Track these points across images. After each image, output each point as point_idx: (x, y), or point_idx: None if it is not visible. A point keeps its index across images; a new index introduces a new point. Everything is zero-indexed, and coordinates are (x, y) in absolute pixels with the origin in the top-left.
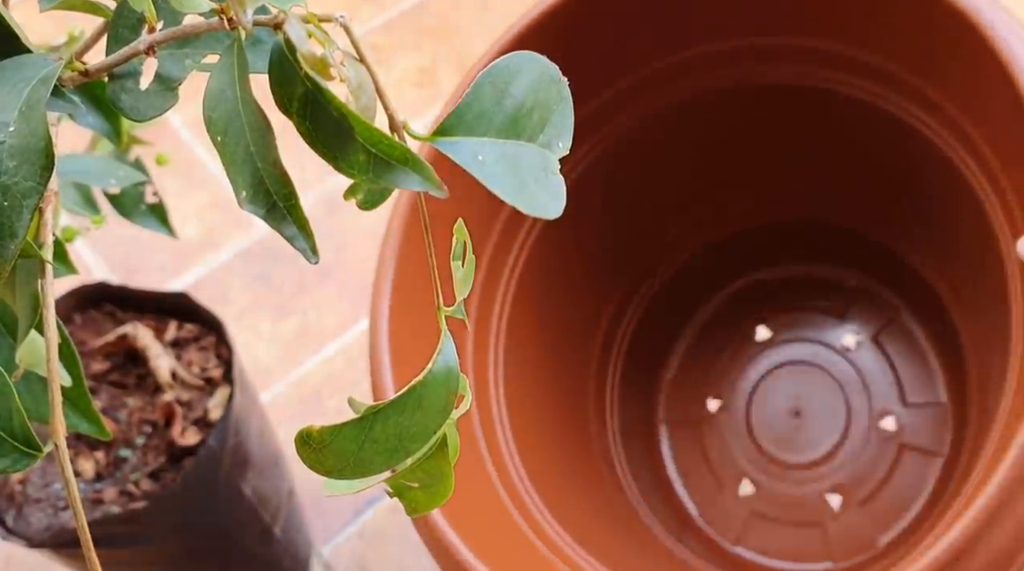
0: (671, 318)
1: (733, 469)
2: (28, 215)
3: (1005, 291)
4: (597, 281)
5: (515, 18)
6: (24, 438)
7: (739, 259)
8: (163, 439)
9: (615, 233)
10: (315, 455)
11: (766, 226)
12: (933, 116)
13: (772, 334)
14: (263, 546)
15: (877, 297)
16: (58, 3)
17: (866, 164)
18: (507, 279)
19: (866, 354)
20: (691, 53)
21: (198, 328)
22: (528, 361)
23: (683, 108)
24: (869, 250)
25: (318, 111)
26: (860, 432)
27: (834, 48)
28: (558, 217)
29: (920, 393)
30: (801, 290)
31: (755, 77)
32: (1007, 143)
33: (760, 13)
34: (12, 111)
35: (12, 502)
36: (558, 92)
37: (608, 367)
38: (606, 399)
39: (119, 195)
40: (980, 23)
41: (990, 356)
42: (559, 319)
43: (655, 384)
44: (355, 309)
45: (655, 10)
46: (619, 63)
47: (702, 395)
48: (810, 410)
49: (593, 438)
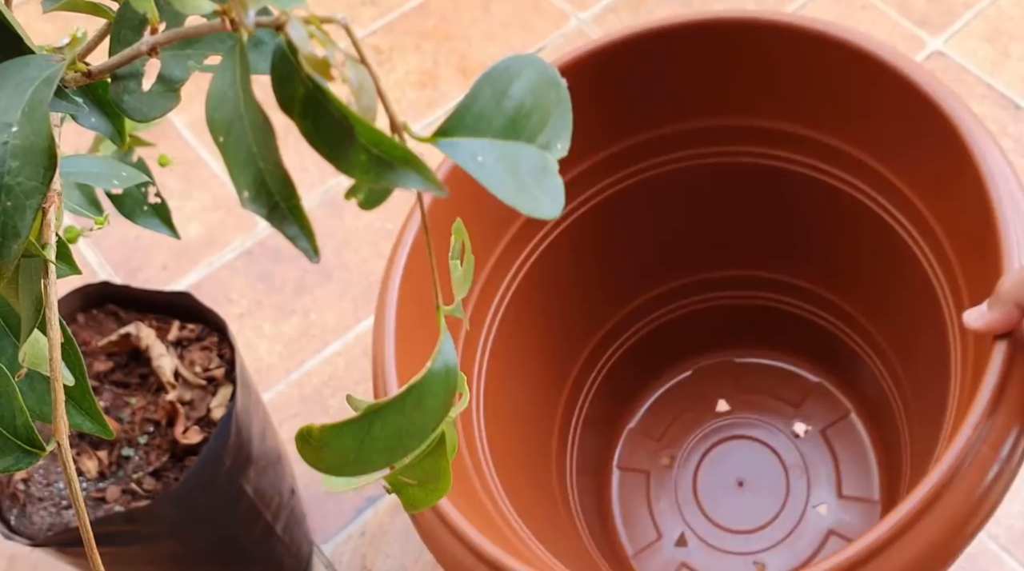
0: (641, 375)
1: (673, 522)
2: (31, 215)
3: (945, 399)
4: (578, 324)
5: (515, 20)
6: (27, 437)
7: (710, 337)
8: (166, 438)
9: (589, 290)
10: (316, 453)
11: (730, 308)
12: (905, 212)
13: (731, 408)
14: (265, 544)
15: (831, 396)
16: (61, 4)
17: (831, 251)
18: (500, 297)
19: (813, 444)
20: (667, 131)
21: (200, 328)
22: (509, 375)
23: (651, 183)
24: (830, 345)
25: (320, 112)
26: (794, 513)
27: (807, 133)
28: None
29: (855, 488)
30: (765, 377)
31: (724, 156)
32: (966, 237)
33: (736, 98)
34: (15, 112)
35: (15, 501)
36: (557, 94)
37: (576, 404)
38: (569, 434)
39: (122, 196)
40: (948, 115)
41: (926, 459)
42: (540, 348)
43: (616, 431)
44: (356, 309)
45: (631, 94)
46: (593, 139)
47: (657, 449)
48: (753, 483)
49: (554, 469)
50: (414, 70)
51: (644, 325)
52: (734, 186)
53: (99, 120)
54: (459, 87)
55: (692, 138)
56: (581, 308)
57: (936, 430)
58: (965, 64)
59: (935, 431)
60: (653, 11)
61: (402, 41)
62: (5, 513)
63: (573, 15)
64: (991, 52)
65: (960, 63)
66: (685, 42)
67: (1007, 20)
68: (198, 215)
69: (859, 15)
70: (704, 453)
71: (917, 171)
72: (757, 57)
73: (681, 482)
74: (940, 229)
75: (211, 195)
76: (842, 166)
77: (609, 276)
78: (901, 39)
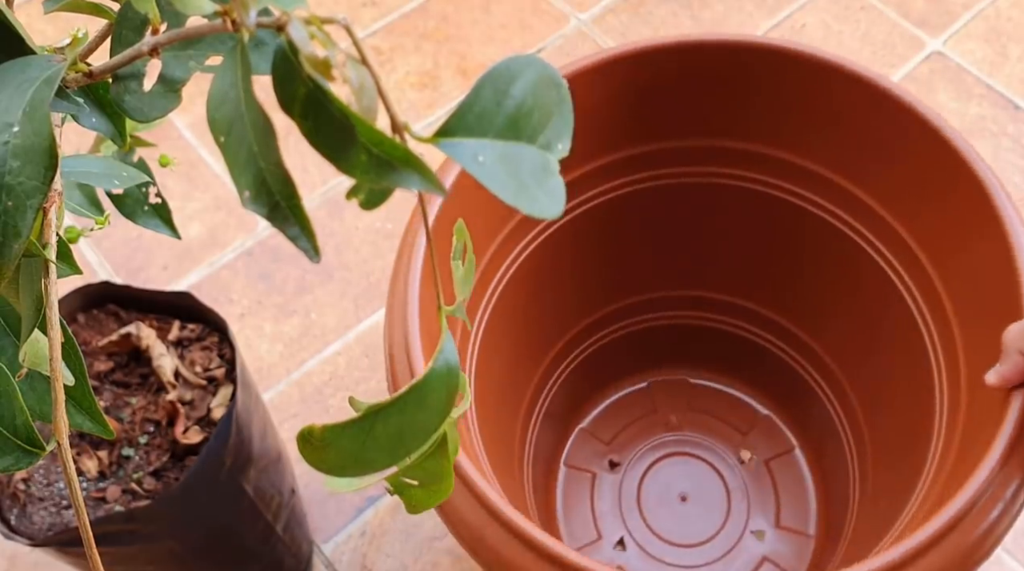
0: (600, 378)
1: (614, 525)
2: (32, 215)
3: (926, 445)
4: (553, 322)
5: (515, 21)
6: (27, 436)
7: (669, 353)
8: (166, 438)
9: (566, 294)
10: (317, 453)
11: (693, 329)
12: (893, 248)
13: (681, 425)
14: (265, 544)
15: (778, 430)
16: (62, 4)
17: (810, 287)
18: (492, 290)
19: (757, 471)
20: (652, 149)
21: (201, 328)
22: (493, 362)
23: (629, 198)
24: (787, 379)
25: (320, 112)
26: (732, 534)
27: (796, 161)
28: (533, 256)
29: (792, 520)
30: (717, 400)
31: (708, 176)
32: (973, 292)
33: (736, 120)
34: (16, 112)
35: (15, 501)
36: (557, 94)
37: (540, 397)
38: (530, 426)
39: (122, 196)
40: (965, 157)
41: (885, 498)
42: (518, 340)
43: (568, 428)
44: (357, 308)
45: (615, 112)
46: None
47: (605, 452)
48: (696, 499)
49: (515, 459)
50: (414, 71)
51: (610, 332)
52: (715, 207)
53: (100, 120)
54: (459, 87)
55: (675, 157)
56: (557, 308)
57: (906, 472)
58: (964, 64)
59: (905, 473)
60: (653, 12)
61: (402, 42)
62: (5, 513)
63: (572, 16)
64: (990, 52)
65: (959, 63)
66: (675, 63)
67: (1006, 21)
68: (199, 215)
69: (858, 15)
70: (651, 464)
71: (924, 216)
72: (749, 81)
73: (626, 488)
74: (941, 282)
75: (212, 195)
76: (834, 198)
77: (582, 284)
78: (900, 39)
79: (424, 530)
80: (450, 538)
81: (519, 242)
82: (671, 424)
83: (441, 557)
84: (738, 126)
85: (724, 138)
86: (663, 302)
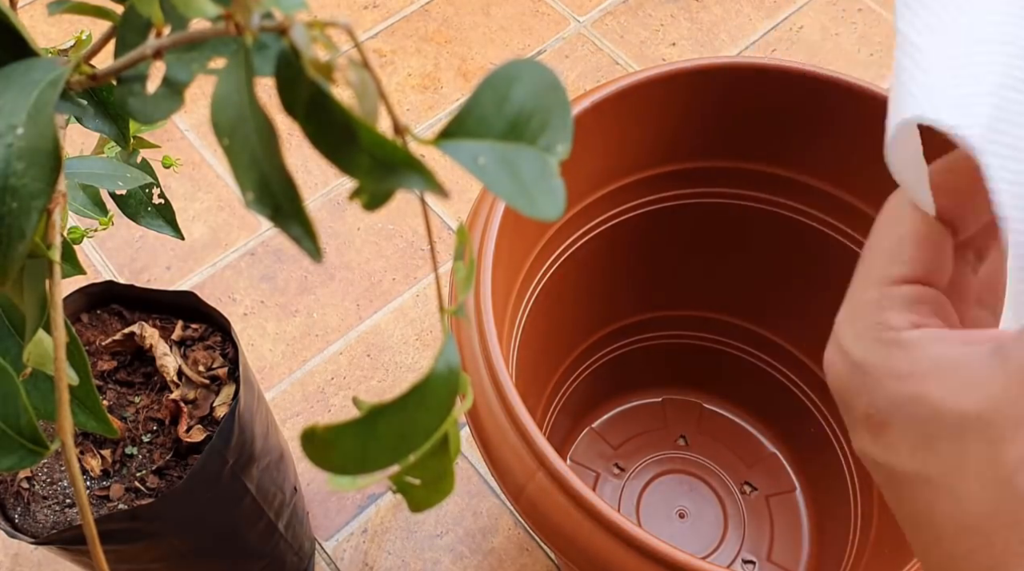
0: (617, 385)
1: None
2: (36, 216)
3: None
4: (580, 324)
5: (515, 24)
6: (31, 436)
7: (687, 374)
8: (169, 437)
9: (592, 301)
10: (320, 452)
11: (718, 354)
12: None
13: (688, 446)
14: (267, 542)
15: (782, 469)
16: (66, 7)
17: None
18: (532, 290)
19: (756, 504)
20: (668, 170)
21: (204, 327)
22: (527, 358)
23: (662, 213)
24: (798, 418)
25: (323, 115)
26: (724, 558)
27: (820, 186)
28: (568, 263)
29: (783, 557)
30: (727, 429)
31: (730, 198)
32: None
33: (751, 143)
34: (21, 114)
35: (19, 499)
36: (557, 98)
37: (561, 391)
38: (548, 417)
39: (126, 197)
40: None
41: (891, 542)
42: (548, 335)
43: (579, 425)
44: (358, 308)
45: (628, 136)
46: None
47: (612, 456)
48: (694, 518)
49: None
50: (415, 73)
51: (632, 342)
52: (742, 231)
53: (103, 122)
54: (460, 90)
55: (690, 178)
56: (585, 310)
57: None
58: None
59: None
60: (652, 14)
61: (404, 44)
62: (9, 511)
63: (572, 18)
64: None
65: None
66: (684, 87)
67: None
68: (202, 216)
69: (855, 17)
70: (655, 476)
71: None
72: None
73: (627, 494)
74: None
75: (215, 196)
76: (858, 226)
77: (612, 290)
78: None
79: (425, 528)
80: (451, 536)
81: (563, 242)
82: (679, 442)
83: (442, 555)
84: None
85: (760, 162)
86: (686, 321)
